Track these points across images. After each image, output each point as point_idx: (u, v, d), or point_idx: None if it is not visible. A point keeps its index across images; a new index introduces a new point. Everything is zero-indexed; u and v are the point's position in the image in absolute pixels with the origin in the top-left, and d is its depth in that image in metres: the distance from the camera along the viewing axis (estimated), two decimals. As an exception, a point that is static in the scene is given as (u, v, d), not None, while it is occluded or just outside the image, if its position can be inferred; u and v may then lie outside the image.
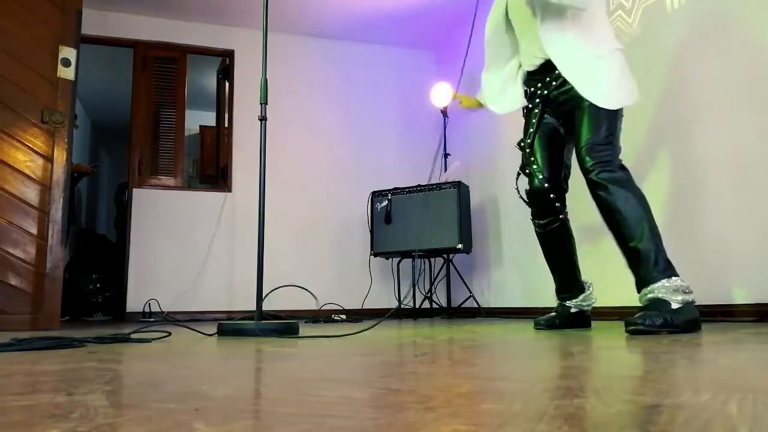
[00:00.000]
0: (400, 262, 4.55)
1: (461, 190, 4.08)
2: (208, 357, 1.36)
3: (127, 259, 4.44)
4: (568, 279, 2.38)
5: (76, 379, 0.90)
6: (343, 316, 3.97)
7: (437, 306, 4.65)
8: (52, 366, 1.12)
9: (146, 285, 4.39)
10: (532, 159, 2.33)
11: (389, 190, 4.34)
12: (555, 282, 2.42)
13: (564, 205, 2.33)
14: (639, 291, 1.94)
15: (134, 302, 4.35)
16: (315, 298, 4.45)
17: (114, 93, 6.39)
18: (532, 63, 2.30)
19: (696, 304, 1.89)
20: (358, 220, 4.80)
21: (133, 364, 1.18)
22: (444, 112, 4.78)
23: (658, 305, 1.84)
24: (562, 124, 2.30)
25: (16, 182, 2.91)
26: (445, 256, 4.46)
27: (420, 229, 4.10)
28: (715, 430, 0.48)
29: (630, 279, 1.98)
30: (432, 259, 4.65)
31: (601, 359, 1.18)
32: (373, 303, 4.67)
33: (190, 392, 0.76)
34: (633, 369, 0.98)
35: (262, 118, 2.38)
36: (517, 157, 2.46)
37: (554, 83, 2.24)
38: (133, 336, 1.89)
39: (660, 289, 1.87)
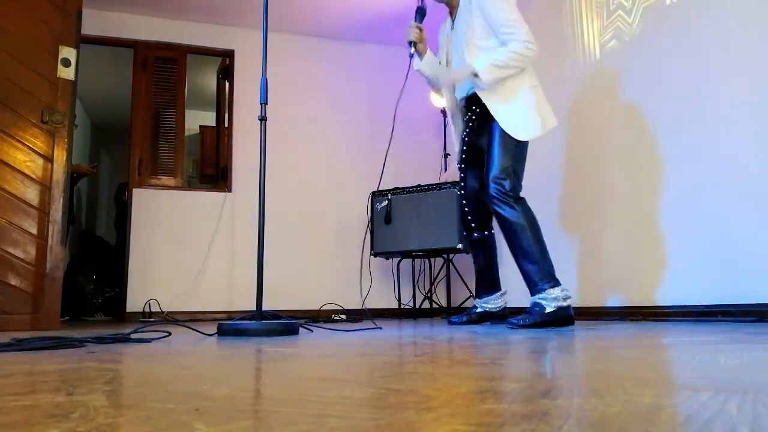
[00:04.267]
0: (400, 262, 4.55)
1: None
2: (208, 357, 1.36)
3: (127, 259, 4.43)
4: (484, 282, 2.81)
5: (76, 379, 0.90)
6: (343, 316, 3.97)
7: (437, 306, 4.65)
8: (52, 366, 1.12)
9: (146, 285, 4.38)
10: (461, 181, 2.79)
11: (389, 190, 4.34)
12: (475, 283, 2.88)
13: (482, 226, 2.73)
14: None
15: (134, 302, 4.35)
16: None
17: (114, 93, 6.39)
18: (462, 93, 2.70)
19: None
20: (358, 220, 4.80)
21: (133, 364, 1.18)
22: (444, 112, 4.78)
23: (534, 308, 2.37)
24: (484, 144, 2.63)
25: (16, 182, 2.91)
26: (445, 256, 4.46)
27: (420, 229, 4.10)
28: (715, 430, 0.48)
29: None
30: (432, 259, 4.65)
31: (601, 359, 1.18)
32: (373, 303, 4.67)
33: (190, 392, 0.76)
34: (633, 369, 0.98)
35: (262, 118, 2.38)
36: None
37: (477, 111, 2.62)
38: (133, 336, 1.89)
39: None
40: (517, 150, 2.48)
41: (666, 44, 2.92)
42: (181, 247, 4.53)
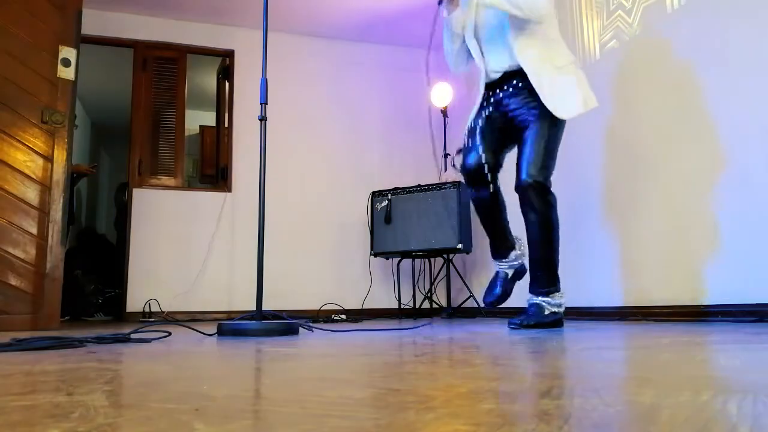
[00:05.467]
0: (400, 262, 4.55)
1: (461, 190, 4.08)
2: (208, 357, 1.36)
3: (127, 259, 4.43)
4: (499, 242, 2.64)
5: (76, 379, 0.89)
6: (343, 316, 3.97)
7: (437, 306, 4.65)
8: (52, 366, 1.12)
9: (146, 285, 4.38)
10: (471, 140, 2.56)
11: (389, 190, 4.34)
12: (490, 245, 2.70)
13: (495, 179, 2.55)
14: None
15: (134, 302, 4.35)
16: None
17: (114, 93, 6.39)
18: (494, 75, 2.54)
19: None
20: (358, 220, 4.80)
21: (133, 364, 1.18)
22: (444, 112, 4.78)
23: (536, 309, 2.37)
24: (511, 127, 2.51)
25: (16, 182, 2.91)
26: (445, 256, 4.46)
27: (420, 229, 4.10)
28: (715, 430, 0.48)
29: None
30: (432, 259, 4.65)
31: (600, 359, 1.18)
32: (373, 303, 4.67)
33: (190, 392, 0.76)
34: (633, 369, 0.98)
35: (262, 118, 2.38)
36: (515, 156, 2.49)
37: (509, 90, 2.49)
38: (133, 336, 1.89)
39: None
40: (553, 135, 2.38)
41: (667, 43, 2.92)
42: (181, 247, 4.54)
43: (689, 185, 2.72)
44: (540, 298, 2.38)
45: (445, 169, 4.69)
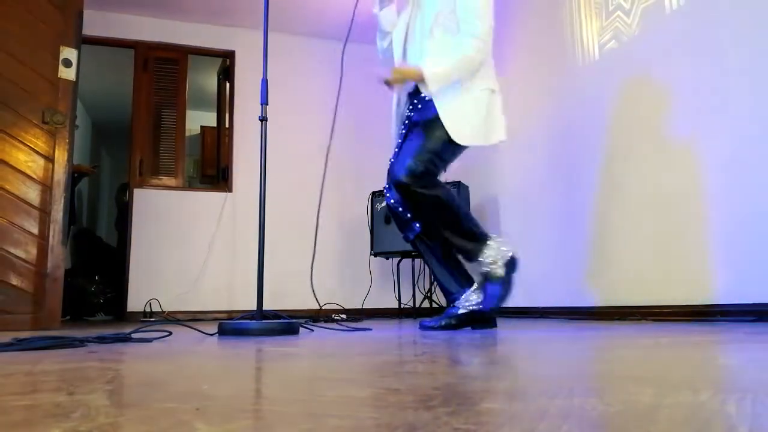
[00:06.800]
0: (400, 262, 4.55)
1: (461, 190, 4.08)
2: (209, 356, 1.36)
3: (128, 259, 4.44)
4: (450, 285, 2.38)
5: (77, 379, 0.90)
6: (344, 316, 3.97)
7: (437, 306, 4.65)
8: (52, 365, 1.12)
9: (147, 285, 4.39)
10: (388, 176, 2.49)
11: (390, 191, 4.33)
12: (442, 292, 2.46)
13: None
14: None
15: (135, 302, 4.35)
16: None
17: (115, 93, 6.40)
18: (411, 84, 2.44)
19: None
20: (358, 220, 4.80)
21: (134, 364, 1.18)
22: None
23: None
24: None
25: (17, 182, 2.91)
26: (446, 256, 4.46)
27: (420, 230, 4.09)
28: (715, 430, 0.48)
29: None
30: (432, 260, 4.65)
31: (600, 359, 1.18)
32: (373, 303, 4.67)
33: (191, 392, 0.77)
34: (633, 369, 0.98)
35: (263, 119, 2.39)
36: (516, 156, 2.47)
37: (419, 105, 2.39)
38: (134, 335, 1.89)
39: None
40: (437, 142, 2.24)
41: (665, 44, 2.92)
42: (181, 247, 4.54)
43: (688, 184, 2.72)
44: (482, 268, 2.26)
45: (445, 170, 4.68)
